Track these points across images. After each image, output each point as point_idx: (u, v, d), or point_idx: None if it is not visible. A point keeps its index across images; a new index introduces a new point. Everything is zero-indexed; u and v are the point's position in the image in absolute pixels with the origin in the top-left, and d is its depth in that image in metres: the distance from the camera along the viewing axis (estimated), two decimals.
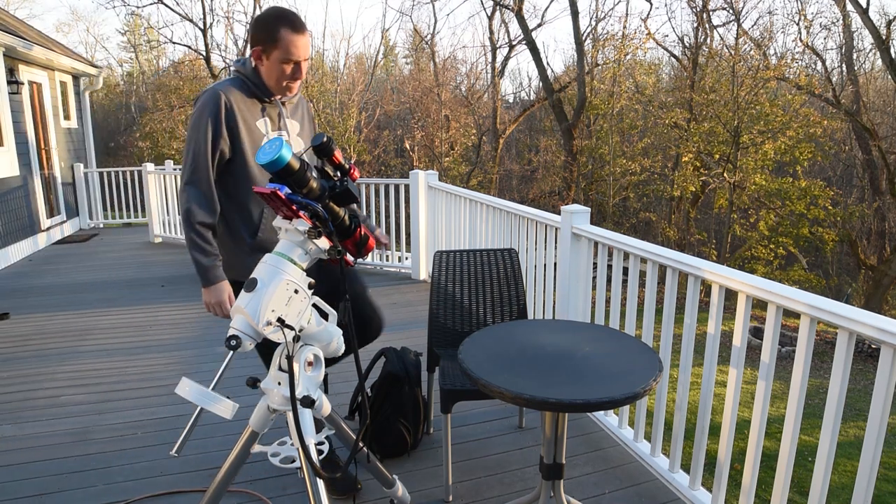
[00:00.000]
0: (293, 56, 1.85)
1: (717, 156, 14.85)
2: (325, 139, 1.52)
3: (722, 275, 2.02)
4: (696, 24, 16.76)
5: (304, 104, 2.12)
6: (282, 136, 1.86)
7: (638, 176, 16.50)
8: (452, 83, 20.91)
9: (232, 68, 1.97)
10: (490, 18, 19.36)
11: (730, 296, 2.16)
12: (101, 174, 9.00)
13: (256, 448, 1.64)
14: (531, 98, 22.28)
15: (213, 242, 1.89)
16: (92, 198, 8.98)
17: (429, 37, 21.05)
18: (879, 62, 16.97)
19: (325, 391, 1.68)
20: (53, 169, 8.30)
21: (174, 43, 25.55)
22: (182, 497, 2.30)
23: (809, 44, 15.91)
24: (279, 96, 1.96)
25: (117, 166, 9.54)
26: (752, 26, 20.33)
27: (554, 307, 3.18)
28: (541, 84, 18.47)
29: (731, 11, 15.83)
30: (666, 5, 29.73)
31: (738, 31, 15.77)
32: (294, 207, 1.45)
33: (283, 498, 2.27)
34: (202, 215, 1.86)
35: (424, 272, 5.54)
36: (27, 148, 7.32)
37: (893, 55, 13.78)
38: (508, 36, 20.01)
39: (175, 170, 7.86)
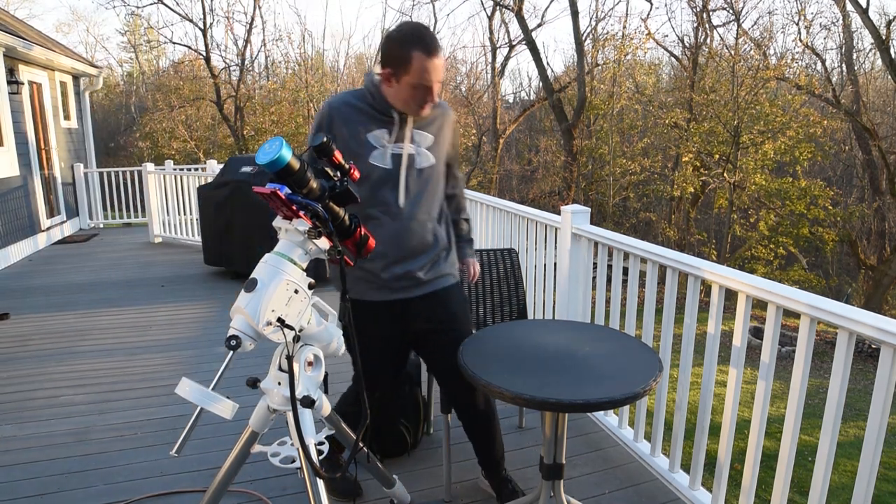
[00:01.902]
0: (425, 82, 1.78)
1: (717, 156, 14.85)
2: (324, 139, 1.52)
3: (722, 275, 2.02)
4: (696, 24, 16.78)
5: (444, 115, 2.00)
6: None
7: (638, 176, 16.50)
8: (452, 83, 20.91)
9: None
10: (490, 18, 19.36)
11: (730, 296, 2.16)
12: (101, 174, 9.00)
13: (256, 448, 1.64)
14: (531, 98, 22.28)
15: None
16: (92, 198, 8.98)
17: None
18: (879, 62, 16.98)
19: (325, 391, 1.68)
20: (53, 169, 8.30)
21: (174, 43, 25.62)
22: (182, 497, 2.30)
23: (809, 44, 15.91)
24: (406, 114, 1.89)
25: (117, 166, 9.54)
26: (752, 26, 20.35)
27: (554, 307, 3.17)
28: (541, 84, 18.47)
29: (731, 11, 15.84)
30: (666, 5, 29.75)
31: (738, 31, 15.79)
32: (294, 207, 1.45)
33: (283, 498, 2.27)
34: None
35: None
36: (27, 148, 7.32)
37: (893, 55, 13.78)
38: (508, 36, 20.02)
39: (175, 170, 7.86)
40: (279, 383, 1.58)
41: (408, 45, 1.75)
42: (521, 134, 22.71)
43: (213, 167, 7.19)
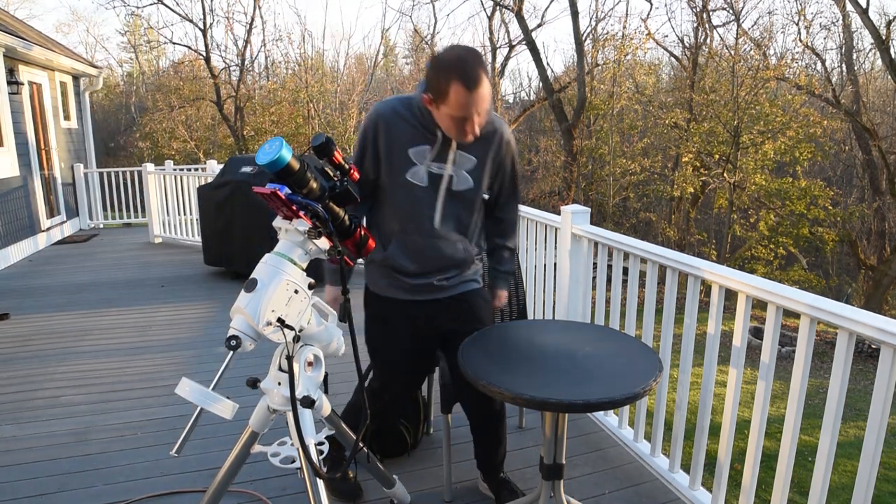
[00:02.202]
0: (462, 114, 1.69)
1: (717, 156, 14.85)
2: (324, 139, 1.52)
3: (722, 275, 2.02)
4: (696, 25, 16.78)
5: (495, 136, 1.89)
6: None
7: (638, 176, 16.49)
8: None
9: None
10: (490, 19, 19.36)
11: (730, 296, 2.16)
12: (101, 174, 9.00)
13: (256, 448, 1.65)
14: (531, 98, 22.28)
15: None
16: (92, 198, 8.98)
17: (429, 37, 21.07)
18: (879, 62, 16.98)
19: (325, 391, 1.68)
20: (53, 169, 8.30)
21: (174, 43, 25.59)
22: (182, 497, 2.30)
23: (809, 44, 15.91)
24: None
25: (117, 166, 9.54)
26: (752, 26, 20.32)
27: (554, 307, 3.17)
28: (541, 84, 18.47)
29: (731, 11, 15.84)
30: (666, 5, 29.74)
31: (738, 31, 15.79)
32: (294, 207, 1.46)
33: (283, 498, 2.27)
34: None
35: None
36: (27, 148, 7.32)
37: (893, 55, 13.78)
38: (508, 36, 20.02)
39: (175, 170, 7.86)
40: (279, 383, 1.58)
41: (447, 74, 1.65)
42: (522, 134, 22.70)
43: (213, 167, 7.19)
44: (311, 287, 1.52)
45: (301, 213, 1.47)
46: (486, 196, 1.97)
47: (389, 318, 2.06)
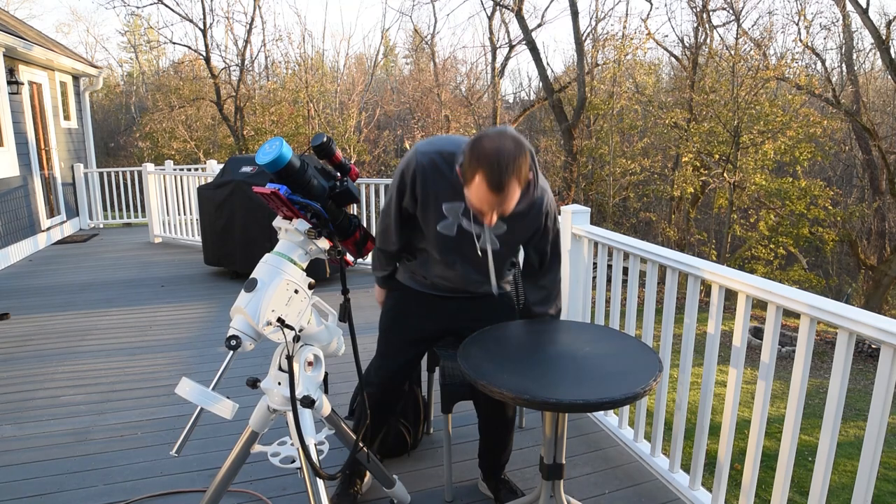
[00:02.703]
0: (479, 207, 1.64)
1: (717, 156, 14.84)
2: (324, 139, 1.52)
3: (722, 275, 2.02)
4: (696, 25, 16.76)
5: (531, 209, 1.84)
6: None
7: (638, 176, 16.49)
8: (452, 83, 20.91)
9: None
10: (490, 19, 19.35)
11: (730, 296, 2.16)
12: (101, 174, 9.00)
13: (256, 448, 1.65)
14: (531, 98, 22.28)
15: (382, 262, 2.09)
16: (92, 198, 8.98)
17: (429, 37, 21.05)
18: (879, 62, 16.98)
19: (326, 391, 1.68)
20: (53, 169, 8.30)
21: (174, 43, 25.57)
22: (182, 497, 2.30)
23: (809, 44, 15.91)
24: None
25: (117, 166, 9.55)
26: (752, 26, 20.34)
27: None
28: (541, 84, 18.46)
29: (731, 11, 15.82)
30: (666, 5, 29.78)
31: (738, 31, 15.77)
32: (294, 207, 1.46)
33: (283, 498, 2.27)
34: (378, 242, 2.04)
35: None
36: (27, 148, 7.32)
37: (893, 55, 13.77)
38: (508, 36, 20.00)
39: (175, 170, 7.86)
40: (279, 383, 1.58)
41: (477, 164, 1.57)
42: (521, 134, 22.68)
43: (213, 167, 7.19)
44: (311, 287, 1.52)
45: (301, 213, 1.47)
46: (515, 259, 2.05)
47: (406, 307, 2.12)
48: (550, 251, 2.01)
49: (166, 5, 17.85)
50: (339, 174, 1.60)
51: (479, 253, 1.89)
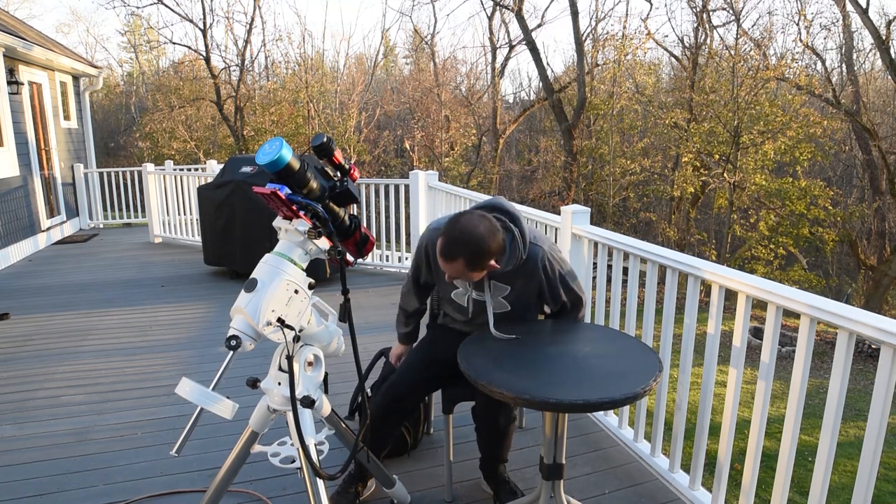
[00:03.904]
0: (441, 267, 1.85)
1: (717, 156, 14.84)
2: (324, 139, 1.52)
3: (722, 275, 2.02)
4: (696, 25, 16.76)
5: (531, 268, 1.99)
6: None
7: (638, 176, 16.49)
8: (452, 83, 20.91)
9: None
10: (490, 19, 19.36)
11: (730, 296, 2.16)
12: (101, 174, 9.00)
13: (256, 448, 1.65)
14: (531, 98, 22.28)
15: (402, 320, 2.37)
16: (92, 198, 8.98)
17: (429, 37, 21.05)
18: (879, 62, 16.97)
19: (326, 391, 1.68)
20: (53, 169, 8.30)
21: (174, 43, 25.54)
22: (182, 497, 2.30)
23: (809, 44, 15.91)
24: None
25: (117, 166, 9.56)
26: (752, 26, 20.33)
27: None
28: (541, 84, 18.47)
29: (731, 11, 15.82)
30: (666, 5, 29.80)
31: (738, 31, 15.76)
32: (294, 207, 1.46)
33: (283, 498, 2.27)
34: (400, 301, 2.35)
35: None
36: (27, 148, 7.32)
37: (893, 55, 13.77)
38: (508, 36, 20.01)
39: (175, 170, 7.86)
40: (279, 383, 1.58)
41: (442, 230, 1.82)
42: (521, 134, 22.71)
43: (213, 167, 7.19)
44: (311, 287, 1.52)
45: (301, 213, 1.47)
46: (547, 309, 2.19)
47: (440, 331, 2.30)
48: (566, 296, 2.08)
49: (166, 5, 17.87)
50: (338, 174, 1.60)
51: (470, 310, 2.11)
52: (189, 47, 20.35)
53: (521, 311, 2.07)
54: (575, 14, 16.65)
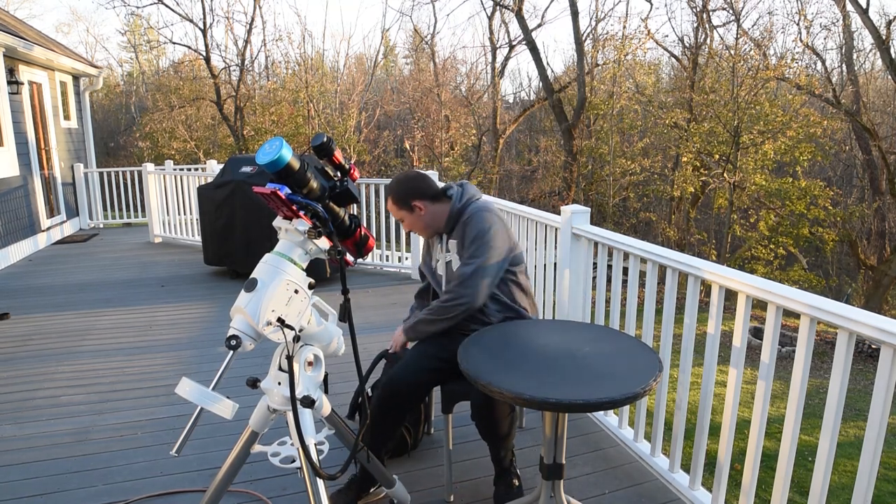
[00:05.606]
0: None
1: (717, 156, 14.84)
2: (324, 139, 1.52)
3: (722, 275, 2.02)
4: (696, 25, 16.77)
5: (465, 225, 2.17)
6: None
7: (638, 176, 16.49)
8: (452, 83, 20.92)
9: None
10: (490, 19, 19.36)
11: (730, 296, 2.16)
12: (101, 174, 9.00)
13: (256, 448, 1.64)
14: (531, 98, 22.28)
15: (416, 304, 2.53)
16: (92, 198, 8.98)
17: (429, 37, 21.05)
18: (879, 62, 16.97)
19: (326, 391, 1.68)
20: (53, 169, 8.30)
21: (174, 43, 25.59)
22: (182, 497, 2.30)
23: (809, 44, 15.91)
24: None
25: (117, 166, 9.55)
26: (752, 26, 20.34)
27: (554, 307, 3.17)
28: (541, 84, 18.47)
29: (731, 11, 15.83)
30: (666, 5, 29.82)
31: (738, 31, 15.76)
32: (294, 207, 1.45)
33: (283, 498, 2.27)
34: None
35: None
36: (27, 148, 7.32)
37: (893, 55, 13.77)
38: (508, 36, 20.01)
39: (175, 170, 7.86)
40: (279, 383, 1.58)
41: None
42: (521, 134, 22.72)
43: (213, 167, 7.19)
44: (311, 287, 1.52)
45: (301, 213, 1.47)
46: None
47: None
48: (459, 273, 2.15)
49: (166, 5, 17.88)
50: (338, 174, 1.60)
51: (444, 280, 2.25)
52: (189, 47, 20.38)
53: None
54: (575, 14, 16.66)
